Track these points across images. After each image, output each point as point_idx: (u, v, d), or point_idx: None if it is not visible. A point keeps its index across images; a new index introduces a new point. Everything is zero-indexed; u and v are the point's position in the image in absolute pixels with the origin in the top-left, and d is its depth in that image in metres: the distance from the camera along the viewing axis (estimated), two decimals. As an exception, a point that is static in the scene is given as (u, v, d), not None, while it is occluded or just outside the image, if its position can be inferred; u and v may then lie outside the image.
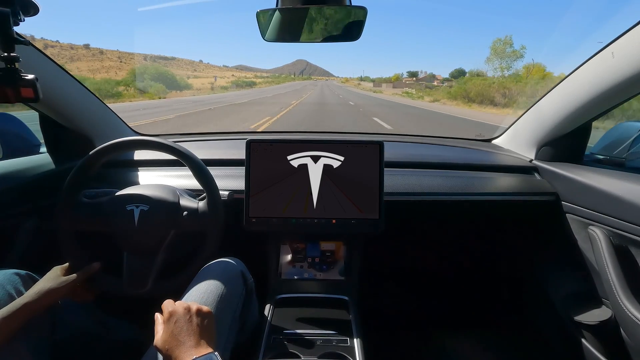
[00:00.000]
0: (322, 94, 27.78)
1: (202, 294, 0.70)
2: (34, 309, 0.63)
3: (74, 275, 0.73)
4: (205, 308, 0.59)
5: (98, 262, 0.78)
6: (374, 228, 0.91)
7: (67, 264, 0.76)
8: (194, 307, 0.58)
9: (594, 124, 1.04)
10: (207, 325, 0.57)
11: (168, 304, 0.59)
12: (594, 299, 0.92)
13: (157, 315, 0.59)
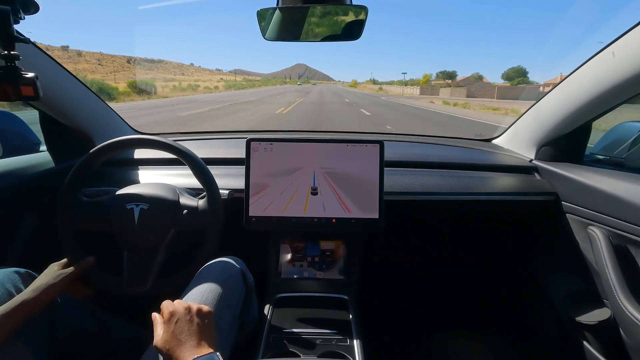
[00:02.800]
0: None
1: (202, 293, 0.70)
2: (32, 305, 0.63)
3: (71, 268, 0.73)
4: (205, 308, 0.59)
5: (93, 257, 0.78)
6: (374, 227, 0.91)
7: (64, 260, 0.76)
8: (194, 307, 0.58)
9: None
10: (207, 325, 0.57)
11: (168, 304, 0.59)
12: (594, 299, 0.92)
13: (155, 315, 0.59)
